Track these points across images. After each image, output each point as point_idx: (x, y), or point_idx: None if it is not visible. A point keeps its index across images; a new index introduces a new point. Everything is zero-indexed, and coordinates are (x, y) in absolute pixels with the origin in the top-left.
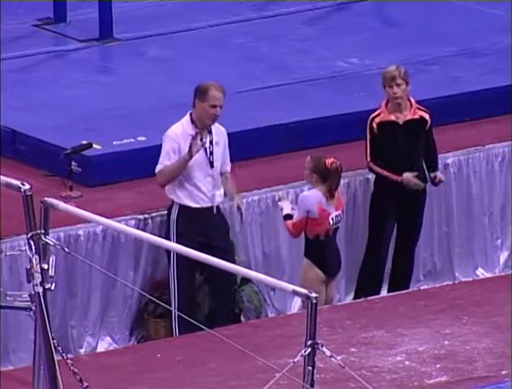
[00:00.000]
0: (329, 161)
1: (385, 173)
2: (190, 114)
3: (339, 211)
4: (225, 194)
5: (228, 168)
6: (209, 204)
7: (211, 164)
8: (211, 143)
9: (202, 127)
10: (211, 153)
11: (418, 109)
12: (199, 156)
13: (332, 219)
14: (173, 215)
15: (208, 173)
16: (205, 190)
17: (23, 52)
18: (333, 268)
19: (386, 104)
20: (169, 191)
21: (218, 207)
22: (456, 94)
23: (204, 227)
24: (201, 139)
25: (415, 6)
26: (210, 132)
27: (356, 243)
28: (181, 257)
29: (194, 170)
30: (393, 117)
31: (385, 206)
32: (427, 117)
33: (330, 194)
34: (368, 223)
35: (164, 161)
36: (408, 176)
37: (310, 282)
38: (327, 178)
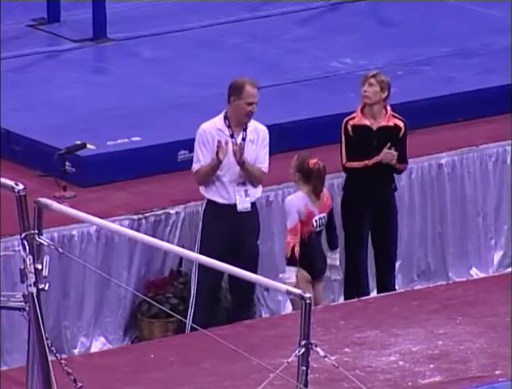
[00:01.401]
0: (312, 162)
1: (364, 162)
2: (226, 112)
3: (324, 214)
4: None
5: (262, 168)
6: (235, 201)
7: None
8: (243, 139)
9: (236, 124)
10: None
11: (393, 116)
12: (229, 153)
13: (316, 221)
14: (202, 210)
15: (236, 170)
16: (232, 186)
17: (16, 52)
18: (318, 269)
19: (362, 109)
20: (200, 187)
21: (254, 205)
22: (450, 94)
23: (230, 223)
24: (231, 135)
25: (409, 7)
26: (244, 129)
27: None
28: (204, 250)
29: (223, 166)
30: (367, 122)
31: (356, 212)
32: (401, 124)
33: (315, 195)
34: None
35: (197, 159)
36: (384, 152)
37: (296, 282)
38: (310, 179)
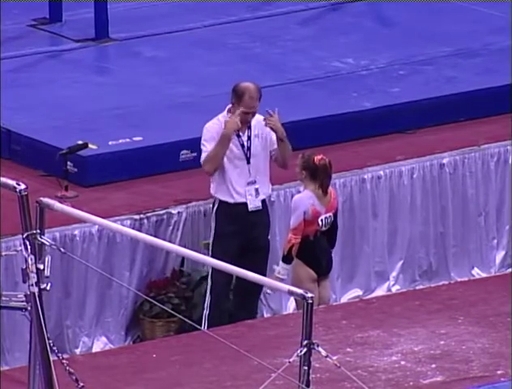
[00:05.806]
0: (317, 158)
1: None
2: (229, 110)
3: (330, 214)
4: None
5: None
6: (245, 200)
7: (248, 160)
8: (249, 138)
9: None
10: (249, 148)
11: None
12: (237, 152)
13: (321, 220)
14: (213, 211)
15: (245, 168)
16: (242, 185)
17: (18, 52)
18: (324, 267)
19: None
20: (211, 187)
21: (264, 201)
22: (451, 94)
23: (241, 223)
24: (238, 135)
25: (410, 6)
26: (249, 127)
27: (351, 243)
28: (217, 249)
29: (231, 166)
30: None
31: None
32: None
33: (322, 191)
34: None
35: (204, 151)
36: None
37: (301, 280)
38: (316, 175)
